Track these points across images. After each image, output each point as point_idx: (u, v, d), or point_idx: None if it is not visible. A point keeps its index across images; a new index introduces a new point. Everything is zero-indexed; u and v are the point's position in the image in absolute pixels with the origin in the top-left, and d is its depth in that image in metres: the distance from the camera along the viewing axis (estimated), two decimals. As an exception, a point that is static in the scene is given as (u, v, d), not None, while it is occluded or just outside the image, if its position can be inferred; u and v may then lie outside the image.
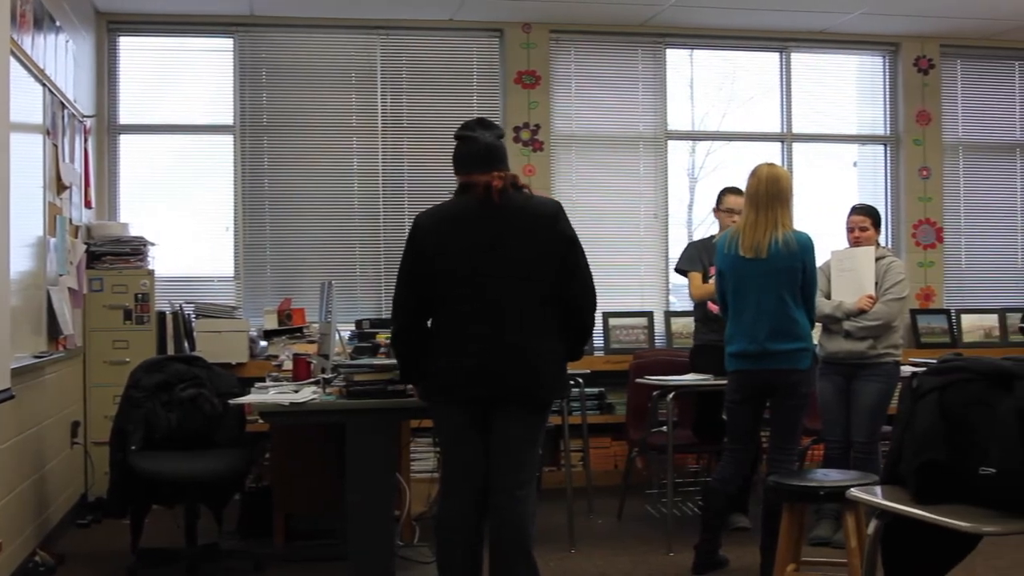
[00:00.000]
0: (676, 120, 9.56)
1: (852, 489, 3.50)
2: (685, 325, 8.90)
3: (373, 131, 8.99)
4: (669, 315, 9.26)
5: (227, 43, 8.86)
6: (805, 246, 5.79)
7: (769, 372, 5.77)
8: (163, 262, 8.31)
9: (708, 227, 9.45)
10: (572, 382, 6.83)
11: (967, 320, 9.76)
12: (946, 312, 9.73)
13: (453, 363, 4.62)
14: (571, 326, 4.72)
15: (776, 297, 5.74)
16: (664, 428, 6.87)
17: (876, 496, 3.35)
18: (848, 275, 6.73)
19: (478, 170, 4.64)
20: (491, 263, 4.59)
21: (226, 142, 8.85)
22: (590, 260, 4.73)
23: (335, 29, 8.94)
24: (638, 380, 7.40)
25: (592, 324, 4.86)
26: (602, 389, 8.78)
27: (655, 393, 6.92)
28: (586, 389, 7.59)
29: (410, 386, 5.03)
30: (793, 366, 5.76)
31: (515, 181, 4.70)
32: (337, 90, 8.98)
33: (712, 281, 6.86)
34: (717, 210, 7.21)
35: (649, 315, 9.22)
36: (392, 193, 8.96)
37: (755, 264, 5.77)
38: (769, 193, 5.79)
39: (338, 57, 9.00)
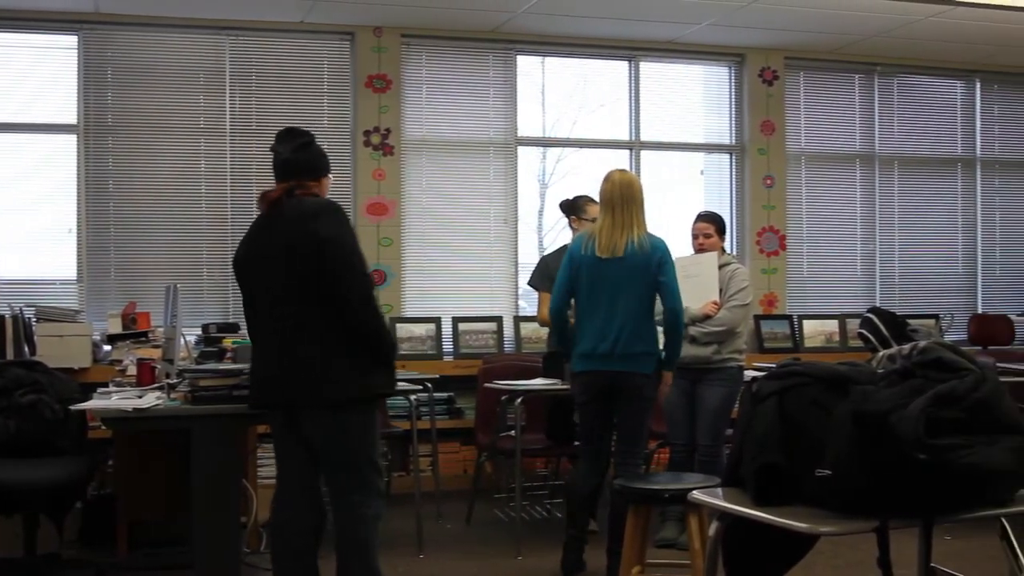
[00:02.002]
0: (527, 126, 9.62)
1: (694, 492, 3.55)
2: (534, 330, 8.96)
3: (221, 133, 8.86)
4: (518, 320, 9.29)
5: (71, 40, 8.63)
6: (659, 247, 5.86)
7: (614, 374, 5.81)
8: (2, 264, 8.09)
9: (558, 232, 9.54)
10: (420, 387, 6.84)
11: (809, 326, 10.00)
12: (789, 318, 9.95)
13: (251, 373, 4.91)
14: (349, 325, 4.69)
15: (628, 299, 5.79)
16: (512, 432, 6.91)
17: (717, 498, 3.40)
18: (693, 281, 6.83)
19: (278, 182, 4.87)
20: (267, 273, 4.78)
21: (69, 142, 8.63)
22: (440, 264, 4.79)
23: (183, 29, 8.77)
24: (487, 385, 7.44)
25: (372, 321, 4.74)
26: (451, 394, 8.78)
27: (503, 398, 6.96)
28: (435, 394, 7.57)
29: None
30: (637, 369, 5.82)
31: (295, 189, 4.81)
32: (185, 91, 8.82)
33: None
34: (581, 220, 7.07)
35: (498, 320, 9.24)
36: (240, 196, 8.81)
37: (610, 264, 5.81)
38: (624, 196, 5.86)
39: (186, 57, 8.84)
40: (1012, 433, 3.13)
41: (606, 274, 5.84)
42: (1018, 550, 3.37)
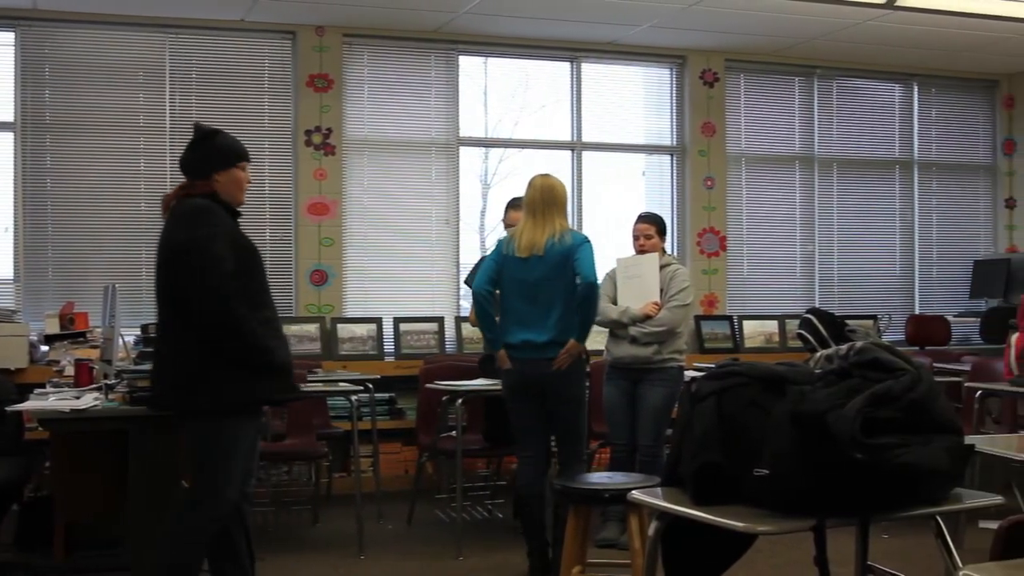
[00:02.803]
0: (469, 126, 9.61)
1: (634, 491, 3.55)
2: (476, 331, 8.92)
3: (161, 131, 8.77)
4: (460, 320, 9.28)
5: (8, 37, 8.51)
6: (578, 239, 5.89)
7: (541, 366, 5.82)
8: (-64, 264, 8.00)
9: (500, 233, 9.51)
10: (361, 387, 6.83)
11: (749, 326, 10.07)
12: (729, 318, 10.01)
13: None
14: (199, 329, 4.59)
15: (552, 293, 5.82)
16: (454, 433, 6.91)
17: (657, 498, 3.41)
18: (634, 282, 6.86)
19: None
20: (155, 278, 4.81)
21: (6, 140, 8.51)
22: (381, 264, 4.76)
23: (123, 26, 8.68)
24: (428, 385, 7.42)
25: (225, 325, 4.55)
26: (392, 394, 8.75)
27: (445, 398, 6.95)
28: (376, 394, 7.56)
29: None
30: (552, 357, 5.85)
31: (183, 191, 4.80)
32: (124, 89, 8.72)
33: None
34: (507, 224, 7.14)
35: (440, 320, 9.23)
36: (180, 195, 8.75)
37: (531, 262, 5.84)
38: (544, 200, 5.92)
39: (126, 55, 8.74)
40: (947, 433, 3.17)
41: (528, 271, 5.87)
42: (952, 548, 3.40)
